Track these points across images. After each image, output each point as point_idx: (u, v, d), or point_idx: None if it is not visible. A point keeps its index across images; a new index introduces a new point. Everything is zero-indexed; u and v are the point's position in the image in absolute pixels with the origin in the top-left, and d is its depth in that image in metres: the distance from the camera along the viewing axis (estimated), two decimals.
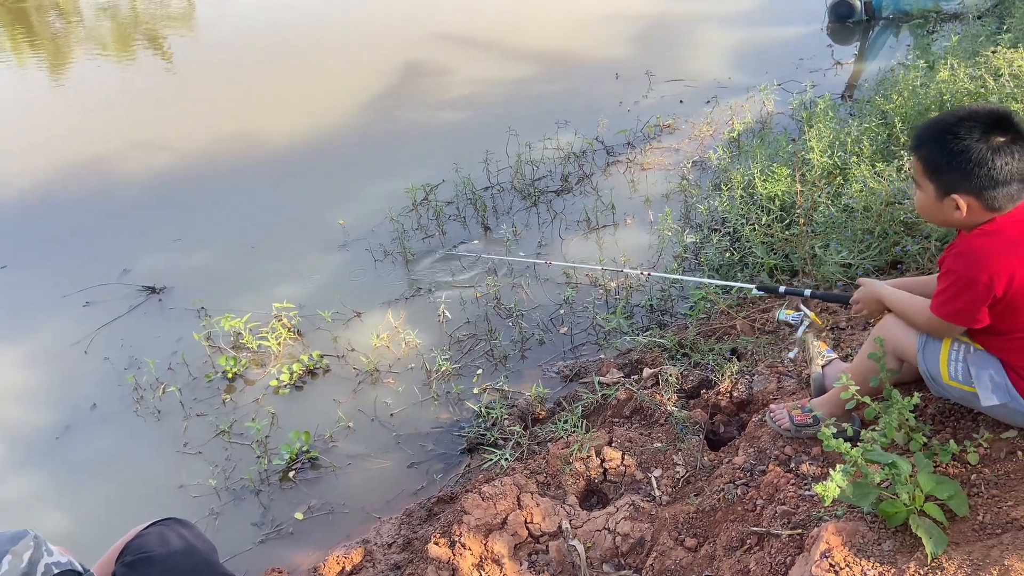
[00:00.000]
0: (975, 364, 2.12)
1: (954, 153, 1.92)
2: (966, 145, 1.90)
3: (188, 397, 4.12)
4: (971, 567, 1.78)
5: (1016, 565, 1.72)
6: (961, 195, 1.94)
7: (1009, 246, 1.95)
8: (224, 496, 3.53)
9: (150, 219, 5.90)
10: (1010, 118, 1.92)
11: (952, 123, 1.95)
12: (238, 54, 9.63)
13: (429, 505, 3.19)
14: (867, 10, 7.55)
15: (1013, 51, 4.00)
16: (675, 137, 6.09)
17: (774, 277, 3.94)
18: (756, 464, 2.67)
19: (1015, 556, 1.75)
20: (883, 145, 4.20)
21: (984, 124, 1.91)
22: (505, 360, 4.08)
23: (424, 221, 5.39)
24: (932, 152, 1.98)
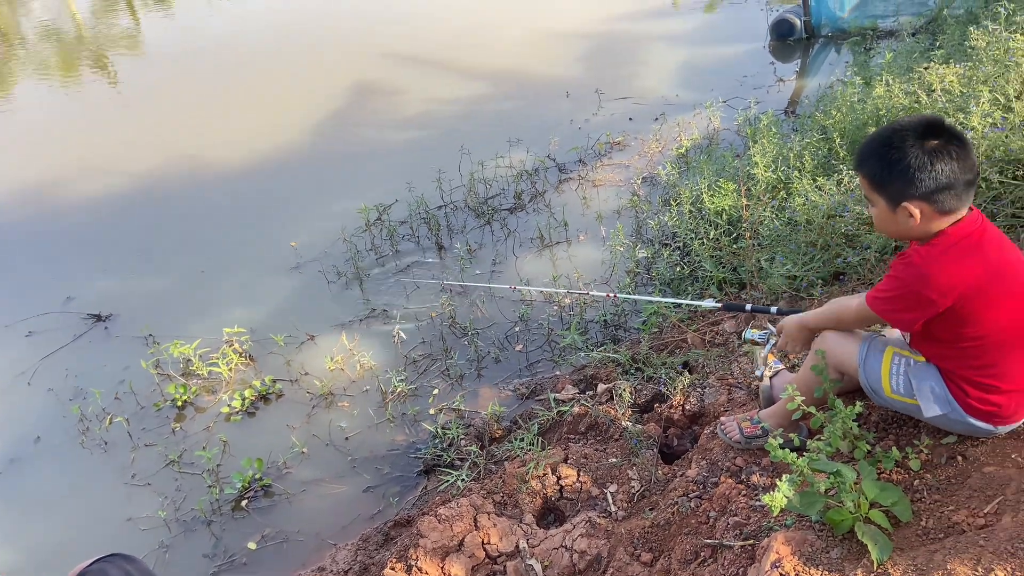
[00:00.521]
0: (916, 376, 2.18)
1: (894, 163, 1.97)
2: (904, 153, 1.95)
3: (136, 427, 4.03)
4: (915, 572, 1.82)
5: (958, 569, 1.77)
6: (911, 202, 1.98)
7: (959, 261, 1.99)
8: (174, 528, 3.45)
9: (95, 245, 5.78)
10: (941, 123, 1.98)
11: (887, 136, 2.01)
12: (186, 74, 9.51)
13: (386, 529, 3.16)
14: (807, 28, 7.77)
15: (945, 67, 4.14)
16: (625, 154, 6.18)
17: (723, 290, 4.01)
18: (709, 476, 2.70)
19: (957, 560, 1.80)
20: (824, 159, 4.31)
21: (917, 132, 1.96)
22: (461, 379, 4.07)
23: (378, 241, 5.37)
24: (874, 167, 2.04)
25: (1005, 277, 2.01)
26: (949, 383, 2.14)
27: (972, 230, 2.01)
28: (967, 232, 2.00)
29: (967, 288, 1.98)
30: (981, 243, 2.00)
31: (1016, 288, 2.03)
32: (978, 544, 1.83)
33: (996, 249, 2.03)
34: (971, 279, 1.98)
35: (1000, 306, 2.01)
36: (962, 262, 1.98)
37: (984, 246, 2.00)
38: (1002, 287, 2.01)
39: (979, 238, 2.01)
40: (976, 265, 1.99)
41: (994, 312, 2.01)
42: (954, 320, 2.04)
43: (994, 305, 2.01)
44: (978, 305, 2.00)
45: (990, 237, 2.03)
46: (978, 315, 2.01)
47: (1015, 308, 2.02)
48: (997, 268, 2.00)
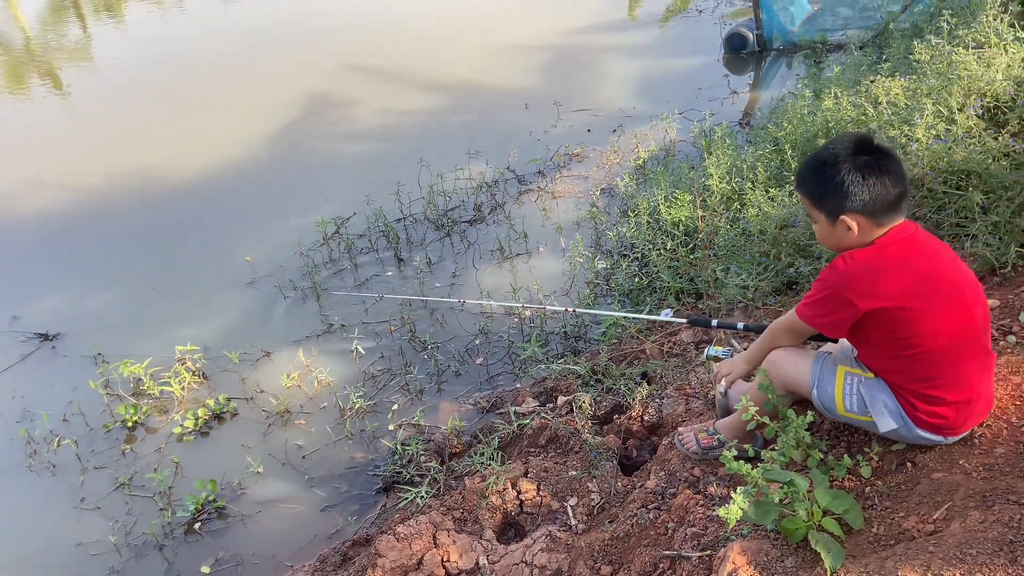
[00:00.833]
0: (868, 393, 2.22)
1: (829, 179, 2.10)
2: (837, 170, 2.08)
3: (85, 449, 3.92)
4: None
5: (908, 575, 1.80)
6: (848, 215, 2.09)
7: (882, 264, 2.08)
8: (125, 552, 3.35)
9: (42, 262, 5.62)
10: (871, 140, 2.12)
11: (822, 155, 2.16)
12: (138, 85, 9.33)
13: (343, 549, 3.11)
14: (759, 42, 7.91)
15: (890, 80, 4.25)
16: (584, 165, 6.22)
17: (680, 301, 4.05)
18: (667, 487, 2.71)
19: (907, 566, 1.83)
20: (776, 171, 4.39)
21: (850, 148, 2.10)
22: (421, 394, 4.04)
23: (336, 255, 5.32)
24: (812, 185, 2.17)
25: (938, 286, 2.07)
26: (899, 398, 2.18)
27: (902, 238, 2.10)
28: (896, 239, 2.09)
29: (891, 292, 2.05)
30: (909, 250, 2.09)
31: (951, 298, 2.08)
32: (928, 550, 1.86)
33: (929, 258, 2.10)
34: (894, 284, 2.05)
35: (936, 316, 2.06)
36: (885, 265, 2.07)
37: (912, 253, 2.09)
38: (936, 297, 2.06)
39: (908, 245, 2.09)
40: (902, 270, 2.06)
41: (931, 323, 2.06)
42: (892, 329, 2.09)
43: (930, 315, 2.06)
44: (913, 315, 2.06)
45: (922, 247, 2.11)
46: (914, 325, 2.07)
47: (952, 318, 2.07)
48: (928, 277, 2.07)
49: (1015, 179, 3.13)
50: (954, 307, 2.08)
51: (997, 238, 3.06)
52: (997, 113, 3.56)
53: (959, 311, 2.09)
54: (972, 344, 2.12)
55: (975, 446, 2.19)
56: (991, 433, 2.22)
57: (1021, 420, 2.23)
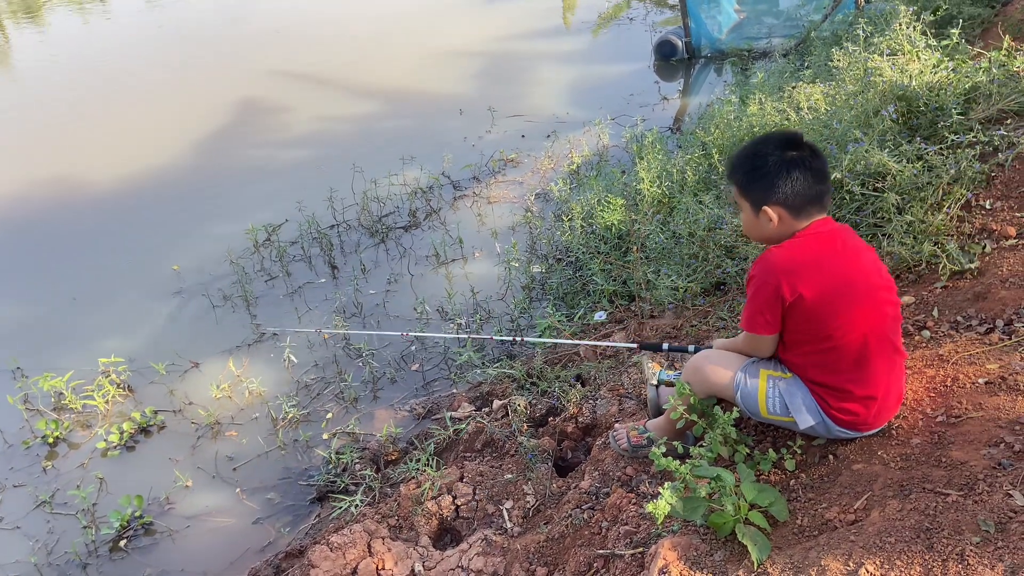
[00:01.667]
0: (788, 393, 2.28)
1: (757, 170, 2.20)
2: (765, 162, 2.18)
3: (3, 467, 3.76)
4: (792, 570, 1.89)
5: (831, 564, 1.85)
6: (771, 206, 2.18)
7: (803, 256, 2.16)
8: (47, 572, 3.21)
9: None
10: (800, 137, 2.22)
11: (753, 147, 2.27)
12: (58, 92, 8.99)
13: (276, 562, 3.04)
14: (688, 49, 8.10)
15: (811, 86, 4.40)
16: (519, 171, 6.24)
17: (613, 303, 4.10)
18: (601, 487, 2.74)
19: (830, 555, 1.88)
20: (704, 174, 4.49)
21: (779, 144, 2.20)
22: (356, 401, 3.98)
23: (267, 263, 5.21)
24: (740, 175, 2.27)
25: (853, 283, 2.15)
26: (814, 395, 2.25)
27: (823, 231, 2.19)
28: (815, 232, 2.19)
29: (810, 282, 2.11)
30: (828, 244, 2.17)
31: (865, 295, 2.15)
32: (849, 539, 1.92)
33: (847, 255, 2.18)
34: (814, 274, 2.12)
35: (849, 311, 2.13)
36: (805, 256, 2.16)
37: (831, 248, 2.17)
38: (850, 293, 2.14)
39: (827, 239, 2.18)
40: (819, 263, 2.14)
41: (843, 318, 2.13)
42: (808, 320, 2.16)
43: (842, 311, 2.13)
44: (827, 308, 2.13)
45: (842, 244, 2.19)
46: (829, 318, 2.14)
47: (864, 315, 2.15)
48: (844, 273, 2.15)
49: (927, 180, 3.28)
50: (867, 305, 2.15)
51: (912, 237, 3.19)
52: (911, 117, 3.71)
53: (871, 309, 2.16)
54: (882, 342, 2.19)
55: (892, 437, 2.28)
56: (907, 424, 2.31)
57: (936, 411, 2.32)
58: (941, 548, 1.80)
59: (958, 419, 2.25)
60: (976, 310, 2.79)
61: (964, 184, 3.26)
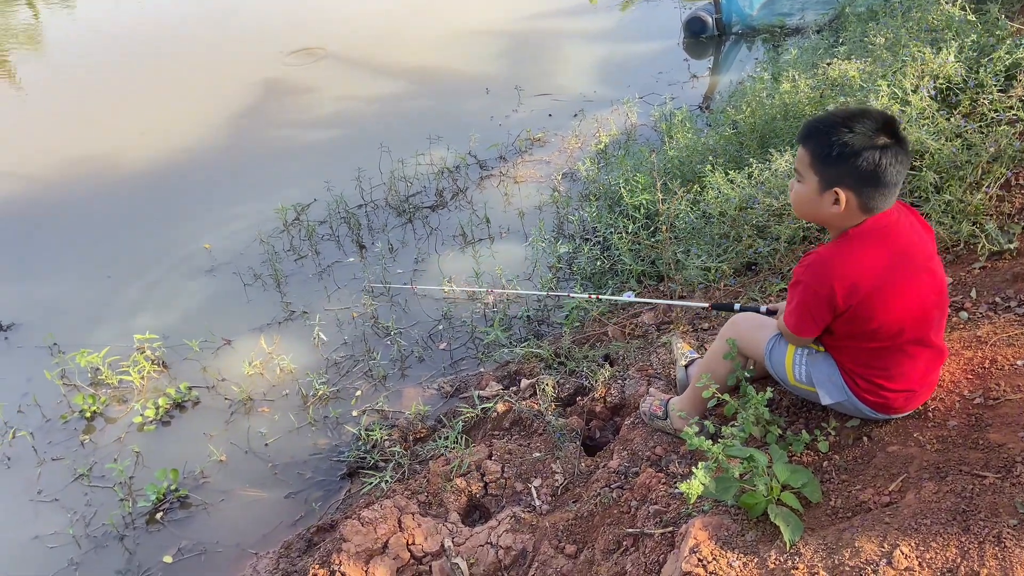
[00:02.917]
0: (814, 366, 2.26)
1: (844, 145, 1.95)
2: (856, 139, 1.94)
3: (41, 441, 3.84)
4: (825, 551, 1.89)
5: (865, 546, 1.84)
6: (843, 189, 1.98)
7: (862, 248, 2.04)
8: (85, 544, 3.29)
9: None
10: (896, 124, 1.99)
11: (845, 118, 1.98)
12: (90, 72, 9.07)
13: (308, 535, 3.09)
14: (718, 26, 7.96)
15: (847, 62, 4.30)
16: (545, 150, 6.21)
17: (642, 283, 4.08)
18: (630, 466, 2.74)
19: (864, 537, 1.87)
20: (735, 153, 4.43)
21: (874, 124, 1.96)
22: (384, 380, 4.02)
23: (296, 242, 5.25)
24: (821, 143, 2.00)
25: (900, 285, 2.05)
26: (843, 373, 2.22)
27: (876, 228, 2.06)
28: (869, 231, 2.05)
29: (866, 280, 2.03)
30: (878, 244, 2.05)
31: (911, 296, 2.07)
32: (883, 521, 1.91)
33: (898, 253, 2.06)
34: (870, 269, 2.03)
35: (891, 315, 2.07)
36: (865, 250, 2.04)
37: (880, 248, 2.05)
38: (896, 295, 2.05)
39: (879, 238, 2.05)
40: (867, 266, 2.04)
41: (885, 320, 2.07)
42: (850, 320, 2.11)
43: (886, 313, 2.06)
44: (870, 312, 2.06)
45: (894, 241, 2.07)
46: (869, 321, 2.07)
47: (907, 318, 2.08)
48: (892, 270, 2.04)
49: (966, 159, 3.21)
50: (912, 306, 2.08)
51: (950, 216, 3.13)
52: (949, 94, 3.63)
53: (916, 310, 2.09)
54: (924, 342, 2.14)
55: (928, 419, 2.25)
56: (944, 406, 2.28)
57: (973, 393, 2.29)
58: (977, 530, 1.78)
59: (996, 401, 2.22)
60: (1015, 291, 2.74)
61: (1004, 163, 3.18)
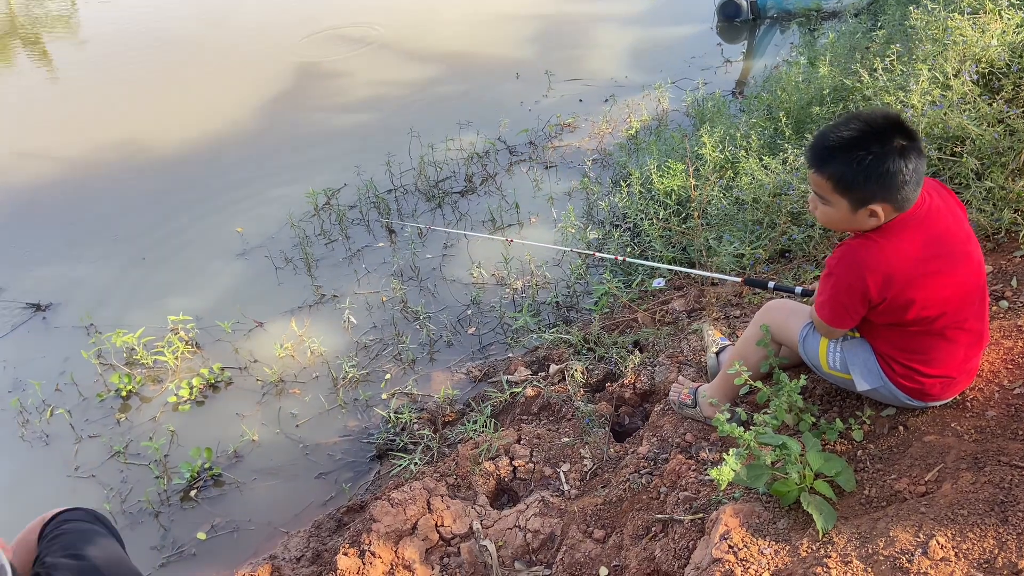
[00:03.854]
0: (849, 352, 2.23)
1: (868, 167, 1.90)
2: (877, 158, 1.89)
3: (79, 418, 3.91)
4: (859, 540, 1.87)
5: (900, 535, 1.82)
6: (877, 204, 1.95)
7: (890, 256, 2.00)
8: (120, 520, 3.36)
9: (31, 233, 5.56)
10: (902, 121, 1.93)
11: (856, 137, 1.92)
12: (124, 57, 9.18)
13: (338, 515, 3.12)
14: (753, 10, 7.84)
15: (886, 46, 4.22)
16: (576, 135, 6.17)
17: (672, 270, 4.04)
18: (659, 453, 2.74)
19: (899, 526, 1.85)
20: (770, 139, 4.37)
21: (883, 133, 1.90)
22: (413, 364, 4.04)
23: (327, 226, 5.28)
24: (843, 169, 1.94)
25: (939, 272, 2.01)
26: (879, 358, 2.19)
27: (921, 210, 2.02)
28: (904, 221, 2.01)
29: (900, 271, 1.99)
30: (917, 231, 2.01)
31: (949, 283, 2.03)
32: (919, 511, 1.88)
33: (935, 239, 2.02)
34: (904, 259, 1.99)
35: (930, 301, 2.03)
36: (899, 240, 2.00)
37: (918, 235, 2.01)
38: (934, 283, 2.01)
39: (916, 227, 2.01)
40: (913, 242, 2.00)
41: (924, 308, 2.03)
42: (888, 310, 2.07)
43: (924, 300, 2.02)
44: (907, 302, 2.02)
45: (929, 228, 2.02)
46: (906, 309, 2.04)
47: (944, 294, 2.04)
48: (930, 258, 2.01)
49: (1008, 145, 3.13)
50: (950, 291, 2.04)
51: (991, 204, 3.06)
52: (992, 79, 3.54)
53: (955, 295, 2.05)
54: (964, 327, 2.10)
55: (967, 409, 2.22)
56: (983, 396, 2.24)
57: (1012, 383, 2.25)
58: (1016, 522, 1.75)
59: None
60: None
61: None
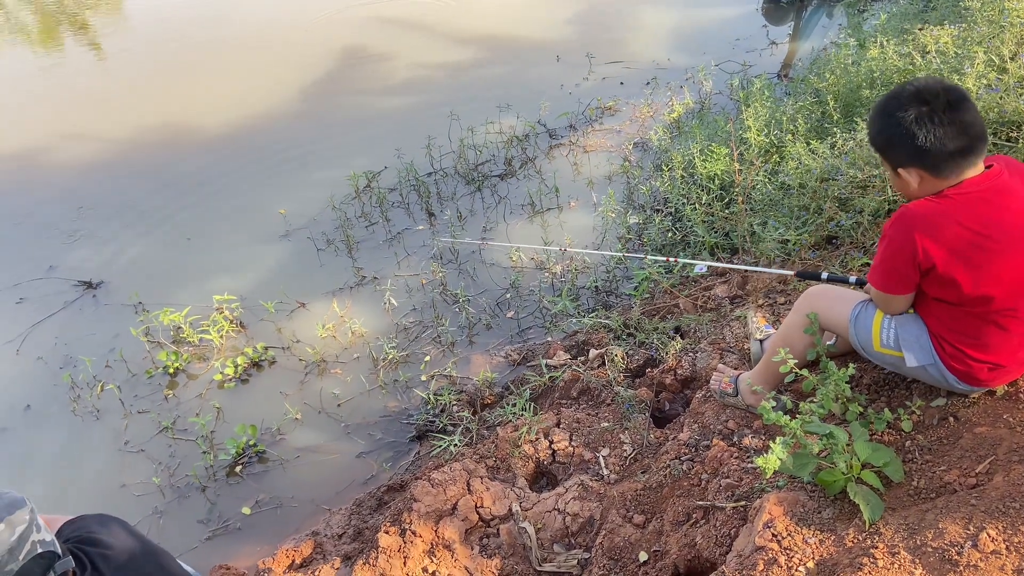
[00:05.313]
0: (903, 327, 2.19)
1: (886, 131, 2.05)
2: (895, 121, 2.01)
3: (128, 394, 4.02)
4: (907, 531, 1.84)
5: (950, 528, 1.79)
6: (906, 168, 2.05)
7: (945, 215, 1.98)
8: (168, 494, 3.45)
9: (80, 213, 5.69)
10: (936, 88, 1.99)
11: (883, 104, 2.07)
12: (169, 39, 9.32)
13: (379, 494, 3.17)
14: None
15: (939, 28, 4.10)
16: (616, 119, 6.12)
17: (715, 255, 4.01)
18: (700, 439, 2.72)
19: (948, 519, 1.82)
20: (817, 123, 4.28)
21: (910, 99, 2.00)
22: (453, 346, 4.07)
23: (367, 209, 5.32)
24: (873, 136, 2.13)
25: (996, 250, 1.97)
26: (932, 337, 2.15)
27: (973, 191, 1.99)
28: (966, 191, 1.99)
29: (949, 238, 1.96)
30: (976, 205, 1.98)
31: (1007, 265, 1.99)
32: (970, 503, 1.85)
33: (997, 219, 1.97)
34: (958, 228, 1.96)
35: (983, 282, 1.99)
36: (957, 209, 1.97)
37: (978, 209, 1.97)
38: (989, 261, 1.97)
39: (977, 199, 1.98)
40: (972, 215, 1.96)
41: (977, 287, 1.99)
42: (936, 284, 2.05)
43: (977, 279, 1.98)
44: (959, 278, 1.98)
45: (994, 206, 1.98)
46: (958, 286, 2.00)
47: (998, 277, 1.99)
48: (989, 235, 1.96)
49: None
50: (1006, 276, 1.99)
51: None
52: None
53: (1010, 281, 2.00)
54: (1019, 319, 2.05)
55: (1020, 400, 2.17)
56: None
57: None
58: None
59: None
60: None
61: None
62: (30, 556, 1.55)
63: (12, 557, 1.52)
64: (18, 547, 1.53)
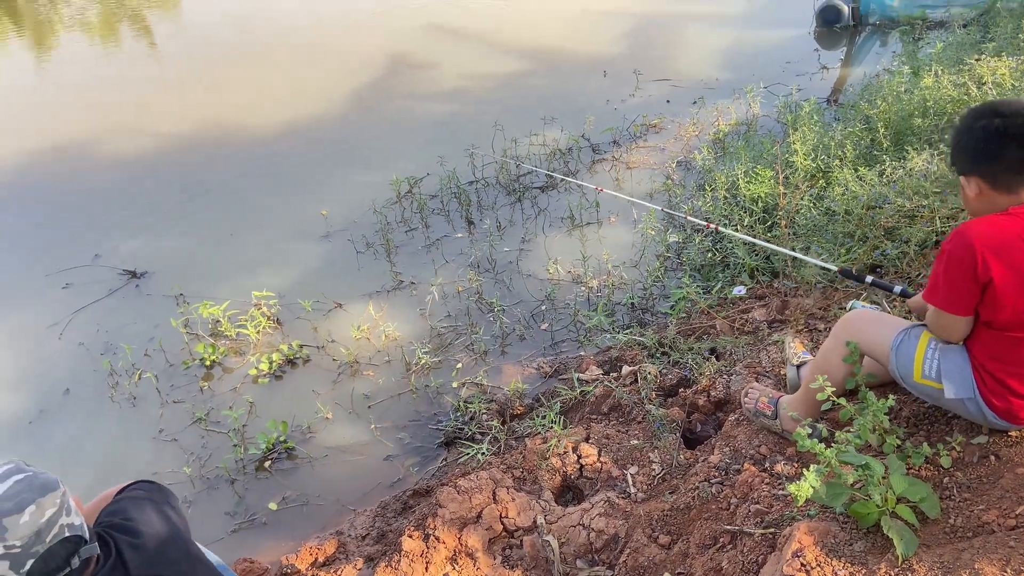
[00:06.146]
0: (946, 358, 2.13)
1: (959, 136, 2.10)
2: (968, 129, 2.06)
3: (165, 384, 4.09)
4: (941, 569, 1.79)
5: (986, 568, 1.74)
6: (968, 177, 2.07)
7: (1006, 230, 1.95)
8: (198, 484, 3.50)
9: (128, 203, 5.84)
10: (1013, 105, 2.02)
11: (969, 111, 2.13)
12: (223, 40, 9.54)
13: (404, 498, 3.18)
14: (854, 16, 7.60)
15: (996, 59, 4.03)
16: (661, 136, 6.10)
17: (754, 278, 3.96)
18: (731, 463, 2.68)
19: (985, 559, 1.77)
20: (866, 150, 4.22)
21: (987, 112, 2.05)
22: (485, 355, 4.07)
23: (408, 214, 5.37)
24: (950, 138, 2.17)
25: None
26: (974, 369, 2.10)
27: None
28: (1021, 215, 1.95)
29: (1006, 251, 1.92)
30: None
31: None
32: (1008, 544, 1.79)
33: None
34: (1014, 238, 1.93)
35: None
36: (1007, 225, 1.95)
37: None
38: None
39: None
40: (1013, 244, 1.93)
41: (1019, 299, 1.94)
42: (988, 306, 2.00)
43: None
44: (1010, 297, 1.94)
45: None
46: (1009, 306, 1.95)
47: None
48: None
49: None
50: None
51: None
52: None
53: None
54: None
55: None
56: None
57: None
58: None
59: None
60: None
61: None
62: (57, 539, 1.57)
63: (39, 539, 1.54)
64: (46, 529, 1.55)
